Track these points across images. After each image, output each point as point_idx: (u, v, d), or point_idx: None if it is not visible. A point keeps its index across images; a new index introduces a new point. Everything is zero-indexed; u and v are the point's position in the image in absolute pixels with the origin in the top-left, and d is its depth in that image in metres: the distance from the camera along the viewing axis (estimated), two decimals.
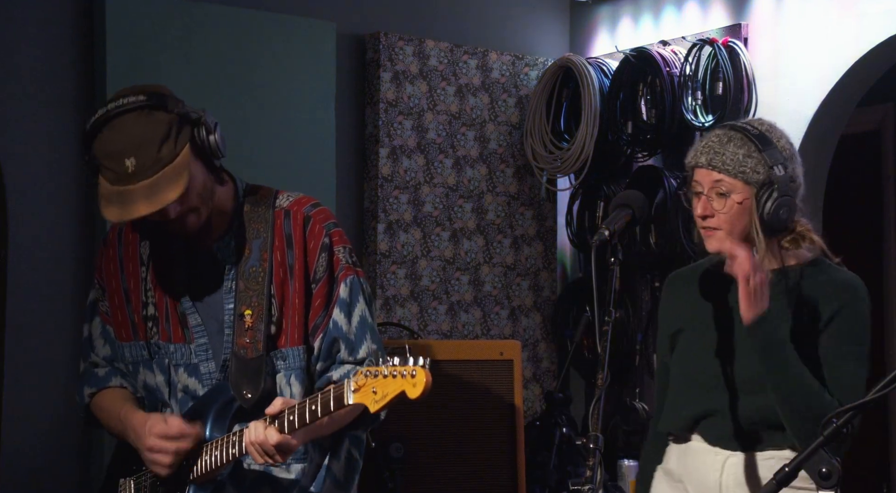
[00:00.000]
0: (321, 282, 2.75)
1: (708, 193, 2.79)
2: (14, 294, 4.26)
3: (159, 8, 4.55)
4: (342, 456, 2.82)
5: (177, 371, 2.78)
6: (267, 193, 2.83)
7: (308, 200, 2.83)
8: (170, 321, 2.78)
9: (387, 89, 5.09)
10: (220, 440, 2.65)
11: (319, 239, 2.76)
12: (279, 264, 2.75)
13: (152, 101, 2.62)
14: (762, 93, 4.81)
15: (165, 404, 2.80)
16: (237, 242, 2.77)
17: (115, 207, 2.60)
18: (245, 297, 2.73)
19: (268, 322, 2.72)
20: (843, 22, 4.62)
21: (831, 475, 2.03)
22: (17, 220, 4.27)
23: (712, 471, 2.82)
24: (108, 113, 2.61)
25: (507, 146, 5.41)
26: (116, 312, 2.85)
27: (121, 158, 2.57)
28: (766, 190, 2.77)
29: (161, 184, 2.57)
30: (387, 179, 5.08)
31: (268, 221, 2.77)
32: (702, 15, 5.10)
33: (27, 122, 4.34)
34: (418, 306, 5.13)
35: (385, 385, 2.36)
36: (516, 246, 5.40)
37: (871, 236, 6.05)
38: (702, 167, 2.81)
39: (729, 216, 2.78)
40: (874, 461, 5.97)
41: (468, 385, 4.28)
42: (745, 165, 2.78)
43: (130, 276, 2.83)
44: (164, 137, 2.59)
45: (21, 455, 4.27)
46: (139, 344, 2.81)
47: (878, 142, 6.11)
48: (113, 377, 2.87)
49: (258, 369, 2.70)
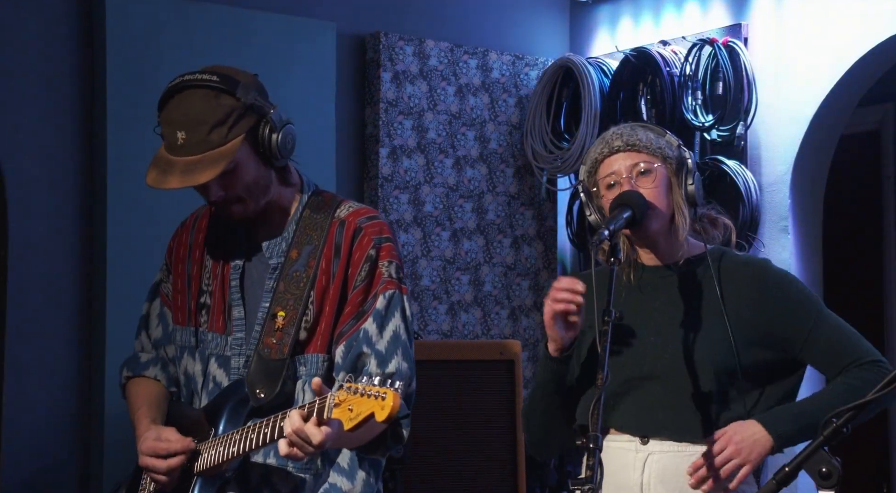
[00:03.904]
0: (357, 291, 2.70)
1: (629, 175, 2.77)
2: (14, 294, 4.27)
3: (159, 8, 4.55)
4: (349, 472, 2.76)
5: (210, 361, 2.77)
6: (330, 202, 2.81)
7: (366, 212, 2.79)
8: (217, 311, 2.78)
9: (387, 89, 5.09)
10: (230, 435, 2.63)
11: (366, 250, 2.72)
12: (323, 272, 2.72)
13: (223, 84, 2.64)
14: (762, 93, 4.81)
15: (198, 394, 2.79)
16: (288, 245, 2.76)
17: (156, 173, 2.63)
18: (282, 298, 2.71)
19: (299, 327, 2.69)
20: (843, 22, 4.62)
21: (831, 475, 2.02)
22: (17, 220, 4.27)
23: (632, 469, 2.76)
24: (182, 82, 2.65)
25: (507, 146, 5.41)
26: (178, 295, 2.85)
27: (175, 128, 2.61)
28: (682, 167, 2.79)
29: (200, 165, 2.59)
30: (387, 179, 5.08)
31: (323, 230, 2.75)
32: (702, 15, 5.10)
33: (27, 122, 4.34)
34: (418, 306, 5.14)
35: (360, 404, 2.30)
36: (516, 246, 5.41)
37: (871, 236, 6.05)
38: (618, 151, 2.78)
39: (657, 192, 2.76)
40: (874, 461, 5.97)
41: (468, 385, 4.29)
42: (660, 143, 2.79)
43: (195, 262, 2.84)
44: (219, 122, 2.60)
45: (21, 455, 4.27)
46: (190, 330, 2.82)
47: (878, 142, 6.11)
48: (151, 366, 2.87)
49: (278, 371, 2.67)
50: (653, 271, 2.85)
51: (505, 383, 4.35)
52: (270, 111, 2.67)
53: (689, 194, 2.79)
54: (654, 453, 2.74)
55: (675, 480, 2.73)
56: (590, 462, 2.42)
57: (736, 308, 2.76)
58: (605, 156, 2.81)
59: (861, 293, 5.84)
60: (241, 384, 2.70)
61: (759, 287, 2.78)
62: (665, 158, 2.79)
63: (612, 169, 2.79)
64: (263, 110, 2.66)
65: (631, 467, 2.75)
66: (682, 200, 2.78)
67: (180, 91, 2.64)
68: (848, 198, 5.91)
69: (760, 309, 2.77)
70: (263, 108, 2.66)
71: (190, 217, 2.93)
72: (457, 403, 4.29)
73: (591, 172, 2.84)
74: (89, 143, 4.44)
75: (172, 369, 2.88)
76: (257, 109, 2.65)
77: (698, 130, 4.87)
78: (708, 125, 4.86)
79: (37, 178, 4.35)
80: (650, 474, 2.74)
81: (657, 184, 2.77)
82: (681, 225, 2.79)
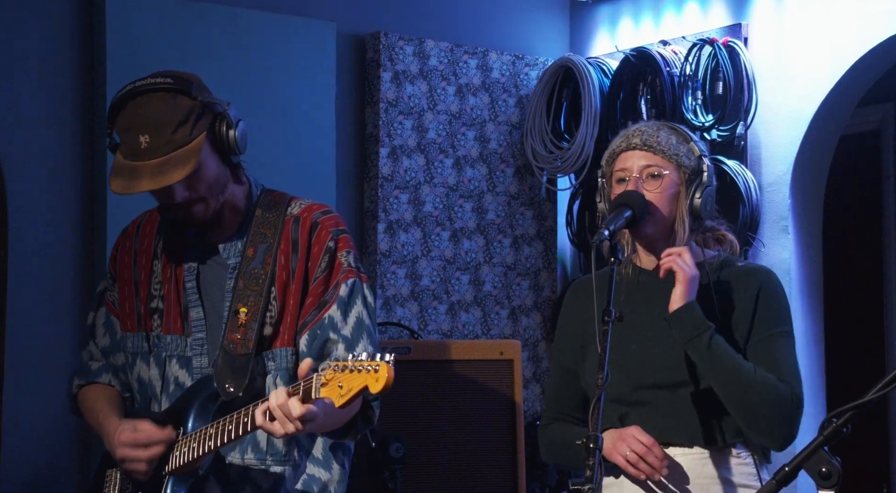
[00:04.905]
0: (317, 281, 2.76)
1: (638, 175, 2.77)
2: (14, 294, 4.26)
3: (159, 8, 4.55)
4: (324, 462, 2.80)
5: (170, 363, 2.79)
6: (280, 200, 2.85)
7: (319, 207, 2.85)
8: (173, 314, 2.80)
9: (387, 89, 5.09)
10: (203, 430, 2.64)
11: (324, 243, 2.77)
12: (282, 268, 2.76)
13: (178, 85, 2.67)
14: (762, 93, 4.81)
15: (156, 398, 2.80)
16: (243, 244, 2.79)
17: (122, 180, 2.64)
18: (243, 295, 2.74)
19: (262, 323, 2.73)
20: (843, 22, 4.62)
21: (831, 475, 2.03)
22: (17, 220, 4.27)
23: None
24: (134, 89, 2.68)
25: (507, 146, 5.41)
26: (125, 302, 2.88)
27: (136, 133, 2.63)
28: (696, 178, 2.78)
29: (169, 165, 2.61)
30: (387, 179, 5.08)
31: (277, 228, 2.79)
32: (702, 15, 5.10)
33: (27, 122, 4.34)
34: (418, 306, 5.13)
35: (350, 380, 2.34)
36: (516, 246, 5.40)
37: (871, 236, 6.05)
38: (635, 149, 2.78)
39: (662, 197, 2.77)
40: (874, 461, 5.97)
41: (468, 385, 4.29)
42: (679, 150, 2.79)
43: (143, 268, 2.87)
44: (181, 121, 2.63)
45: (21, 455, 4.27)
46: (141, 335, 2.84)
47: (878, 142, 6.11)
48: (104, 373, 2.90)
49: (244, 366, 2.70)
50: (651, 275, 2.85)
51: (505, 383, 4.35)
52: (225, 109, 2.71)
53: (693, 207, 2.79)
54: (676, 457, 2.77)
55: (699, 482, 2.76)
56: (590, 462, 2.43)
57: (731, 316, 2.77)
58: (623, 150, 2.82)
59: (861, 293, 5.85)
60: (207, 381, 2.72)
61: (753, 294, 2.80)
62: (680, 165, 2.78)
63: (625, 165, 2.80)
64: (218, 108, 2.70)
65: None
66: (685, 211, 2.78)
67: (133, 97, 2.67)
68: (848, 198, 5.91)
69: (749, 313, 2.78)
70: (218, 105, 2.70)
71: (131, 225, 2.95)
72: (457, 403, 4.29)
73: (609, 161, 2.86)
74: (89, 143, 4.44)
75: (124, 377, 2.89)
76: (212, 107, 2.70)
77: (698, 130, 4.86)
78: (708, 125, 4.85)
79: (37, 178, 4.35)
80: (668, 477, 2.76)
81: (664, 189, 2.77)
82: (679, 235, 2.79)
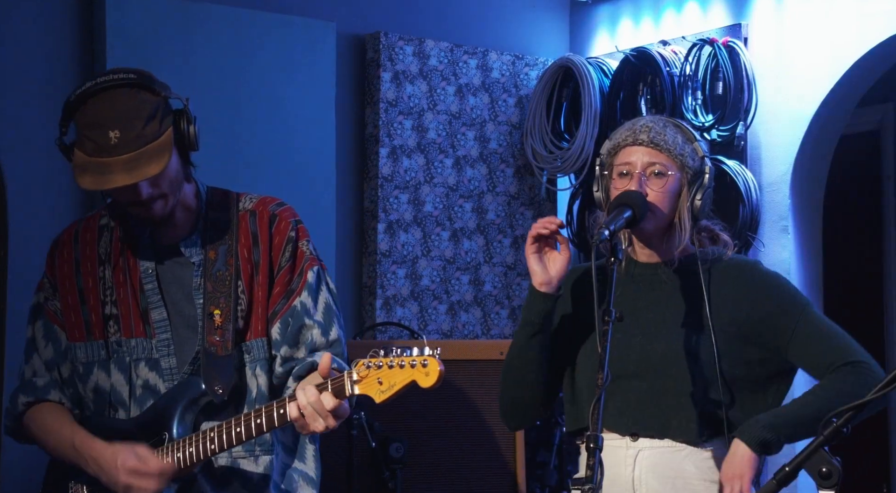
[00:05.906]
0: (282, 271, 2.77)
1: (642, 171, 2.77)
2: (14, 294, 4.26)
3: (159, 8, 4.55)
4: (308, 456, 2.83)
5: (137, 367, 2.76)
6: (227, 197, 2.85)
7: (272, 200, 2.86)
8: (132, 317, 2.77)
9: (387, 89, 5.09)
10: (191, 438, 2.64)
11: (285, 234, 2.79)
12: (246, 262, 2.77)
13: (141, 80, 2.66)
14: (762, 93, 4.81)
15: (123, 405, 2.76)
16: (203, 244, 2.79)
17: (91, 177, 2.60)
18: (213, 297, 2.74)
19: (235, 321, 2.73)
20: (843, 22, 4.62)
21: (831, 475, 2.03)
22: (17, 220, 4.27)
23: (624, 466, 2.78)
24: (96, 85, 2.64)
25: (507, 146, 5.41)
26: (70, 312, 2.83)
27: (105, 129, 2.59)
28: (698, 179, 2.78)
29: (142, 160, 2.58)
30: (387, 179, 5.08)
31: (232, 226, 2.79)
32: (702, 15, 5.10)
33: (27, 122, 4.34)
34: (418, 306, 5.14)
35: (392, 376, 2.38)
36: (516, 246, 5.40)
37: (871, 236, 6.05)
38: (641, 145, 2.77)
39: (664, 196, 2.76)
40: (874, 461, 5.97)
41: (468, 385, 4.28)
42: (685, 150, 2.79)
43: (88, 275, 2.82)
44: (150, 116, 2.61)
45: (21, 455, 4.26)
46: (96, 344, 2.79)
47: (877, 142, 6.11)
48: (52, 390, 2.83)
49: (228, 366, 2.71)
50: (644, 267, 2.86)
51: None
52: (185, 104, 2.70)
53: (694, 208, 2.79)
54: (644, 449, 2.77)
55: (666, 474, 2.75)
56: (590, 462, 2.43)
57: (723, 309, 2.78)
58: (628, 144, 2.80)
59: (861, 293, 5.85)
60: (190, 384, 2.71)
61: (748, 287, 2.80)
62: (684, 165, 2.78)
63: (629, 159, 2.79)
64: (180, 104, 2.69)
65: (622, 463, 2.77)
66: (686, 211, 2.79)
67: (97, 94, 2.64)
68: (848, 198, 5.91)
69: (748, 308, 2.78)
70: (178, 101, 2.69)
71: (65, 234, 2.91)
72: (457, 403, 4.28)
73: (612, 153, 2.84)
74: None
75: (70, 391, 2.83)
76: (171, 103, 2.69)
77: (698, 130, 4.87)
78: (708, 125, 4.86)
79: (37, 178, 4.35)
80: (641, 469, 2.76)
81: (666, 189, 2.77)
82: (678, 234, 2.80)
